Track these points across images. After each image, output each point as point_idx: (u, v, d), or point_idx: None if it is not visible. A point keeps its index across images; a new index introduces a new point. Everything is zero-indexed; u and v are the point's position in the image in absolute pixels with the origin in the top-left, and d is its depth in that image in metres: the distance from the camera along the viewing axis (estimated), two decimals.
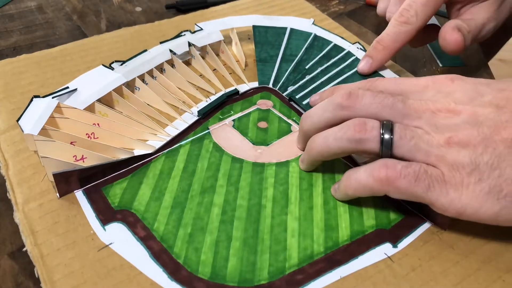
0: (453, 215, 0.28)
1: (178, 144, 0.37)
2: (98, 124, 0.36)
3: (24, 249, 0.30)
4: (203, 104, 0.41)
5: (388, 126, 0.30)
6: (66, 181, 0.32)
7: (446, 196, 0.28)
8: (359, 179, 0.30)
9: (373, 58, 0.41)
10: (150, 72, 0.41)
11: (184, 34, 0.46)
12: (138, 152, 0.36)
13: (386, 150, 0.30)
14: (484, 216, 0.28)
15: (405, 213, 0.33)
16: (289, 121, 0.40)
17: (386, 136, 0.30)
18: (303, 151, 0.36)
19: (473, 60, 0.50)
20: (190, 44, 0.44)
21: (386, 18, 0.44)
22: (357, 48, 0.46)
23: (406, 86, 0.33)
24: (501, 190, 0.27)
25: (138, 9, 0.55)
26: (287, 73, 0.44)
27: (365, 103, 0.31)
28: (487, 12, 0.41)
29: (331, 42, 0.47)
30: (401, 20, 0.39)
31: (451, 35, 0.39)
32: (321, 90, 0.41)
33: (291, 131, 0.39)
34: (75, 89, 0.38)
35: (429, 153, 0.29)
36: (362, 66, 0.42)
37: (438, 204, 0.28)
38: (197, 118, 0.39)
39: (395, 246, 0.31)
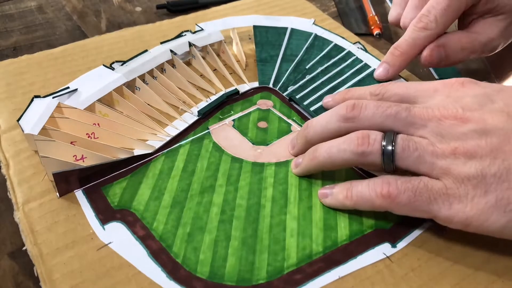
0: (459, 227, 0.28)
1: (178, 144, 0.37)
2: (98, 124, 0.36)
3: (24, 248, 0.30)
4: (203, 104, 0.41)
5: (390, 137, 0.29)
6: (66, 180, 0.32)
7: (449, 209, 0.27)
8: (362, 193, 0.30)
9: (391, 64, 0.40)
10: (150, 72, 0.41)
11: (185, 34, 0.46)
12: (138, 152, 0.36)
13: (388, 162, 0.29)
14: (490, 229, 0.27)
15: None
16: (289, 121, 0.40)
17: (388, 148, 0.29)
18: (295, 156, 0.36)
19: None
20: (190, 44, 0.44)
21: (401, 25, 0.41)
22: (358, 48, 0.46)
23: (416, 90, 0.32)
24: (509, 203, 0.26)
25: (138, 9, 0.56)
26: (287, 73, 0.44)
27: (368, 113, 0.31)
28: (495, 28, 0.39)
29: (332, 42, 0.47)
30: (420, 25, 0.37)
31: (427, 49, 0.38)
32: (335, 92, 0.41)
33: (291, 131, 0.39)
34: (76, 89, 0.38)
35: (434, 165, 0.28)
36: (379, 73, 0.40)
37: (441, 216, 0.28)
38: (197, 118, 0.39)
39: (394, 246, 0.31)
